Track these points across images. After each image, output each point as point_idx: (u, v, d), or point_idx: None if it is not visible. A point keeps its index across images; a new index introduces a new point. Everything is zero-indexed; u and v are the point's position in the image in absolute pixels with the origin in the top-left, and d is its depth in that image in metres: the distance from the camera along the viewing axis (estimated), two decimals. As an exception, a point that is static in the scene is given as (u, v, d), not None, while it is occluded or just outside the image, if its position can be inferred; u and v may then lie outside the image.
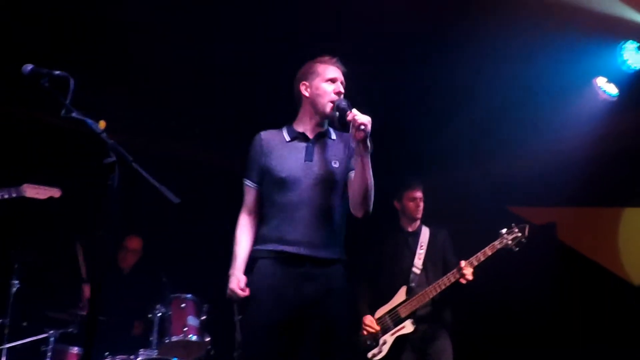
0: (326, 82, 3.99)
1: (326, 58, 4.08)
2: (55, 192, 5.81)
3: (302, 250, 3.80)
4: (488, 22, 5.85)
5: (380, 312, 6.00)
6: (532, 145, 7.34)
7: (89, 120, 2.95)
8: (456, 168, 8.02)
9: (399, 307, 5.93)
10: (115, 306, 6.45)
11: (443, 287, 5.78)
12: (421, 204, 6.18)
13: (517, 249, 5.74)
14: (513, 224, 5.79)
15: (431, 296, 5.82)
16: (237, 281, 3.90)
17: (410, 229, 6.23)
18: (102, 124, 2.97)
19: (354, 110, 3.70)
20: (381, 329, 5.94)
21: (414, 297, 5.88)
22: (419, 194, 6.18)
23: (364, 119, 3.63)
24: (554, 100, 6.70)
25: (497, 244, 5.73)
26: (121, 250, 7.38)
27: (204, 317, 6.43)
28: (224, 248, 5.01)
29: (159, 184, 2.92)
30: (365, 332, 5.96)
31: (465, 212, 7.84)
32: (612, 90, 6.65)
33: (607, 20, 5.94)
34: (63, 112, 2.91)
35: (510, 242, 5.72)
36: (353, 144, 3.81)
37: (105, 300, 6.42)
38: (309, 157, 3.94)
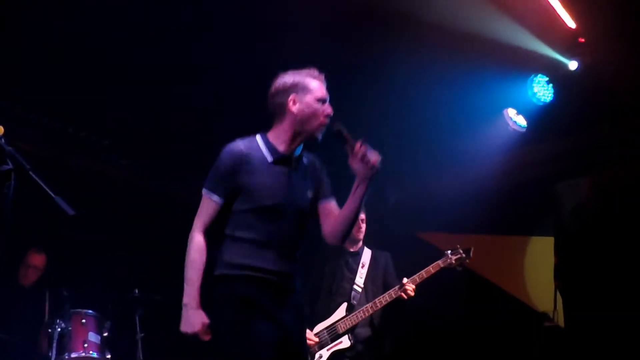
0: (317, 101, 3.61)
1: (316, 73, 3.69)
2: None
3: (273, 278, 3.52)
4: (405, 49, 5.93)
5: (319, 327, 5.98)
6: (443, 172, 7.45)
7: (-14, 125, 2.83)
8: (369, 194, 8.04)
9: (337, 323, 5.92)
10: (16, 322, 6.25)
11: (383, 304, 5.81)
12: (363, 226, 6.20)
13: (460, 269, 5.89)
14: (458, 245, 5.89)
15: (370, 312, 5.84)
16: (201, 320, 3.44)
17: (352, 249, 6.24)
18: (0, 130, 2.85)
19: (364, 144, 3.44)
20: (318, 343, 5.91)
21: (353, 314, 5.89)
22: (361, 216, 6.19)
23: (376, 157, 3.42)
24: (465, 129, 6.82)
25: (440, 263, 5.85)
26: (22, 265, 7.10)
27: (105, 334, 6.27)
28: (127, 263, 4.93)
29: (55, 195, 2.82)
30: None
31: (376, 237, 7.88)
32: (521, 121, 6.81)
33: (519, 53, 6.09)
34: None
35: (454, 261, 5.85)
36: (356, 174, 3.52)
37: (3, 315, 6.23)
38: (291, 185, 3.61)
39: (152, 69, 6.36)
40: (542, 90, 6.50)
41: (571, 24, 5.90)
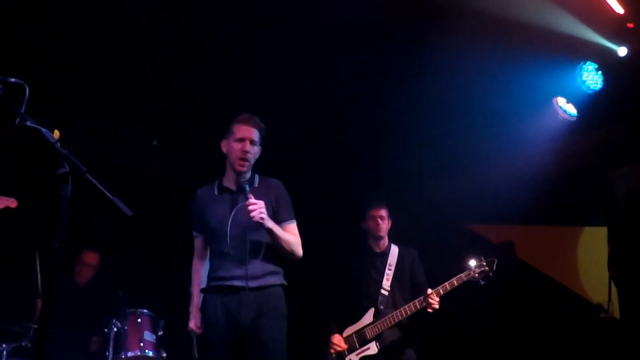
0: (236, 141, 4.44)
1: (243, 117, 4.52)
2: (12, 202, 5.71)
3: (235, 283, 4.31)
4: (451, 39, 5.89)
5: (348, 331, 6.03)
6: (492, 163, 7.39)
7: (44, 130, 2.88)
8: (417, 186, 8.04)
9: (365, 328, 5.95)
10: (70, 320, 6.35)
11: (410, 313, 5.80)
12: (381, 223, 6.16)
13: (483, 282, 5.78)
14: (482, 257, 5.79)
15: (397, 320, 5.84)
16: (195, 321, 4.55)
17: (377, 250, 6.23)
18: (56, 134, 2.90)
19: (250, 202, 4.24)
20: (347, 348, 5.95)
21: (381, 320, 5.90)
22: (379, 213, 6.18)
23: (257, 216, 4.20)
24: (514, 118, 6.76)
25: (463, 277, 5.75)
26: (77, 264, 7.25)
27: (160, 333, 6.36)
28: (181, 263, 5.00)
29: (113, 196, 2.86)
30: (332, 350, 5.97)
31: (424, 229, 7.86)
32: (571, 110, 6.73)
33: (567, 41, 6.02)
34: (17, 120, 2.84)
35: (477, 275, 5.74)
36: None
37: (59, 314, 6.35)
38: (233, 206, 4.39)
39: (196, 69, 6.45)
40: (591, 77, 6.42)
41: (619, 9, 5.82)
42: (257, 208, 4.22)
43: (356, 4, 5.67)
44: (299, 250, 4.46)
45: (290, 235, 4.46)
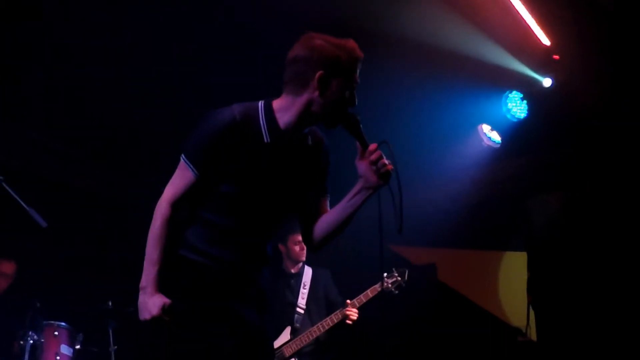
0: (353, 82, 3.02)
1: (357, 50, 3.03)
2: None
3: (241, 271, 3.11)
4: (378, 65, 5.94)
5: None
6: (417, 186, 7.47)
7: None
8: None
9: (283, 347, 5.96)
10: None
11: (327, 327, 5.86)
12: (305, 247, 6.21)
13: (396, 292, 6.03)
14: (393, 268, 5.96)
15: (315, 336, 5.89)
16: (161, 301, 2.92)
17: (293, 271, 6.29)
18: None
19: (373, 148, 3.11)
20: None
21: (298, 337, 5.93)
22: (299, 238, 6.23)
23: (390, 165, 3.06)
24: (439, 144, 6.85)
25: (377, 287, 5.93)
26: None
27: (77, 347, 6.24)
28: (99, 275, 4.91)
29: (28, 207, 2.81)
30: None
31: (349, 249, 7.90)
32: (495, 137, 6.87)
33: (494, 70, 6.14)
34: None
35: (390, 285, 5.99)
36: (364, 183, 3.15)
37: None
38: (284, 170, 3.08)
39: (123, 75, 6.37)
40: (516, 106, 6.56)
41: (545, 41, 5.96)
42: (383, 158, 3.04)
43: (283, 22, 5.67)
44: None
45: None
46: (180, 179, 3.03)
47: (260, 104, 3.07)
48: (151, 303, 2.91)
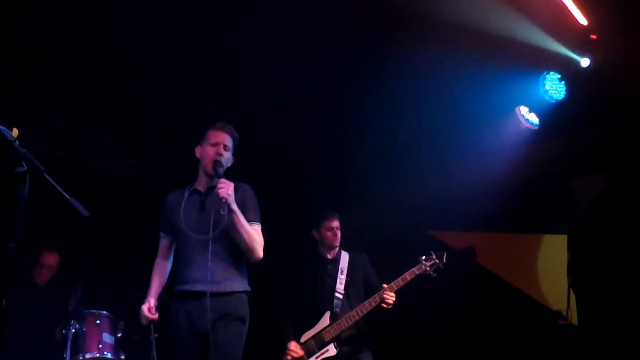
0: (210, 145, 4.56)
1: (218, 124, 4.65)
2: None
3: (198, 287, 4.34)
4: (415, 48, 5.92)
5: (305, 337, 6.07)
6: (455, 170, 7.44)
7: (2, 128, 2.83)
8: (380, 191, 8.06)
9: (323, 332, 5.99)
10: (30, 322, 6.26)
11: (365, 311, 5.87)
12: (338, 233, 6.27)
13: (434, 275, 5.91)
14: (431, 251, 5.92)
15: (354, 320, 5.91)
16: (147, 305, 4.51)
17: (329, 256, 6.31)
18: (14, 132, 2.85)
19: (220, 183, 4.31)
20: (305, 353, 6.00)
21: (338, 322, 5.95)
22: (335, 224, 6.28)
23: (224, 193, 4.23)
24: (477, 126, 6.81)
25: (415, 270, 5.89)
26: (37, 265, 7.15)
27: (119, 335, 6.29)
28: (141, 265, 4.95)
29: (70, 197, 2.82)
30: (289, 357, 5.98)
31: (387, 234, 7.89)
32: (533, 119, 6.79)
33: (531, 51, 6.07)
34: (-26, 118, 2.78)
35: (428, 268, 5.90)
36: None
37: (19, 315, 6.26)
38: (201, 208, 4.53)
39: (162, 66, 6.41)
40: (554, 87, 6.49)
41: (583, 21, 5.89)
42: (226, 187, 4.28)
43: (323, 11, 5.67)
44: (260, 250, 4.47)
45: (252, 230, 4.46)
46: (160, 244, 4.86)
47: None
48: (144, 304, 4.55)
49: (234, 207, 4.32)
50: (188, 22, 5.82)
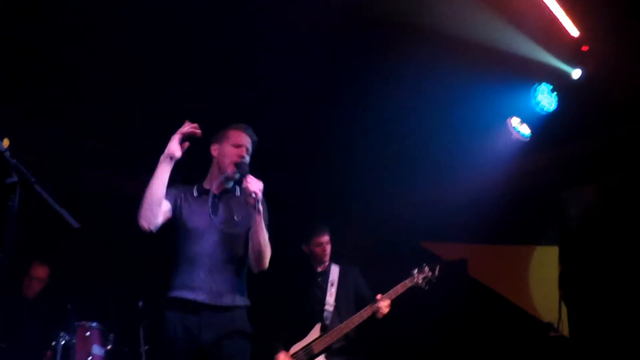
0: (233, 146, 4.31)
1: (241, 125, 4.40)
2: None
3: (199, 297, 4.05)
4: (406, 60, 5.93)
5: (294, 348, 6.05)
6: (446, 181, 7.44)
7: (-9, 138, 2.80)
8: (372, 203, 8.06)
9: (313, 343, 5.98)
10: (20, 334, 6.23)
11: (356, 323, 5.85)
12: (327, 247, 6.29)
13: (427, 287, 5.95)
14: (424, 264, 5.93)
15: (345, 332, 5.89)
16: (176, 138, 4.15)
17: (319, 269, 6.32)
18: (5, 142, 2.83)
19: (249, 178, 4.08)
20: None
21: (328, 334, 5.93)
22: (325, 239, 6.29)
23: (255, 188, 4.01)
24: (469, 138, 6.82)
25: (407, 282, 5.94)
26: (26, 277, 7.10)
27: (109, 347, 6.27)
28: (131, 277, 4.93)
29: (60, 208, 2.79)
30: None
31: (379, 246, 7.88)
32: (525, 130, 6.80)
33: (523, 62, 6.09)
34: (-36, 128, 2.76)
35: (420, 280, 5.92)
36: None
37: (9, 328, 6.22)
38: (213, 211, 4.16)
39: (158, 75, 6.38)
40: (545, 98, 6.49)
41: (574, 32, 5.90)
42: (256, 182, 4.07)
43: (316, 17, 5.67)
44: (267, 261, 4.21)
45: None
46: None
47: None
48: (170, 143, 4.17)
49: (260, 206, 4.06)
50: (188, 22, 5.78)
